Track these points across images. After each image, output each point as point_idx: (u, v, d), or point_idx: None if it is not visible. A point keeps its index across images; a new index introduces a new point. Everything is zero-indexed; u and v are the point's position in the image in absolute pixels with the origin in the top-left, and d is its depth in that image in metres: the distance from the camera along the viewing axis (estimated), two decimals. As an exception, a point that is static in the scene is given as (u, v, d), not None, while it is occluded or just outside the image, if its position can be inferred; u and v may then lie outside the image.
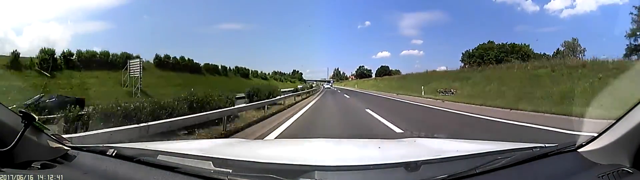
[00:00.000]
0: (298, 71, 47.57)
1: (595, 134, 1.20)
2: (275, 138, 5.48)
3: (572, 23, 28.25)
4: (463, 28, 36.38)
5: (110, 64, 20.08)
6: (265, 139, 5.38)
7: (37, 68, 18.18)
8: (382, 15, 42.52)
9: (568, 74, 13.93)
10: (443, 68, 27.91)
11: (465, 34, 38.59)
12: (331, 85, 44.70)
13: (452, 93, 18.30)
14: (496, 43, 28.57)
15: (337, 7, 42.88)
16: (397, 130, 6.28)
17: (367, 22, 36.63)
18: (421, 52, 35.32)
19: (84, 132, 3.85)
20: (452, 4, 35.80)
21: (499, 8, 31.33)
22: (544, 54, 25.99)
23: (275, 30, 43.21)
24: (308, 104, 14.22)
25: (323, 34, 45.10)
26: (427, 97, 17.84)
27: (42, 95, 10.92)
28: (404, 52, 37.86)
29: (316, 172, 1.03)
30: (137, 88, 17.89)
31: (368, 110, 10.19)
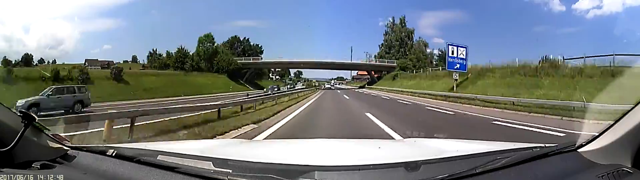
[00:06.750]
0: (258, 46, 27.94)
1: (595, 134, 1.20)
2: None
3: (595, 24, 27.50)
4: (484, 27, 34.78)
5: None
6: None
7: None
8: (404, 13, 41.43)
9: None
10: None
11: (485, 34, 36.72)
12: (332, 85, 36.58)
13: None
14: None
15: (360, 3, 40.18)
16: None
17: (390, 19, 32.75)
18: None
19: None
20: (475, 3, 34.36)
21: (523, 7, 30.14)
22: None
23: (290, 26, 40.92)
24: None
25: (342, 29, 42.03)
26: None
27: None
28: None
29: (316, 172, 1.03)
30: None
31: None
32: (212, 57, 27.26)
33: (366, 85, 29.29)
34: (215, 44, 28.10)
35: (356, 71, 37.94)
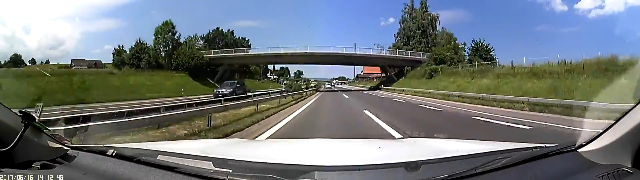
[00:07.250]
0: (246, 40, 21.50)
1: (596, 133, 1.20)
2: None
3: (596, 23, 27.24)
4: (485, 27, 34.44)
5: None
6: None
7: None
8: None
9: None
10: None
11: (486, 33, 35.08)
12: (333, 85, 34.97)
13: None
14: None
15: (360, 3, 38.99)
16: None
17: (391, 19, 33.43)
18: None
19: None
20: (476, 3, 33.65)
21: (525, 7, 29.86)
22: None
23: (290, 26, 40.03)
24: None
25: (342, 29, 41.00)
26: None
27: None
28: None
29: (316, 172, 1.03)
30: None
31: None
32: (173, 51, 21.12)
33: (381, 86, 21.04)
34: (177, 34, 21.67)
35: (362, 69, 33.02)
